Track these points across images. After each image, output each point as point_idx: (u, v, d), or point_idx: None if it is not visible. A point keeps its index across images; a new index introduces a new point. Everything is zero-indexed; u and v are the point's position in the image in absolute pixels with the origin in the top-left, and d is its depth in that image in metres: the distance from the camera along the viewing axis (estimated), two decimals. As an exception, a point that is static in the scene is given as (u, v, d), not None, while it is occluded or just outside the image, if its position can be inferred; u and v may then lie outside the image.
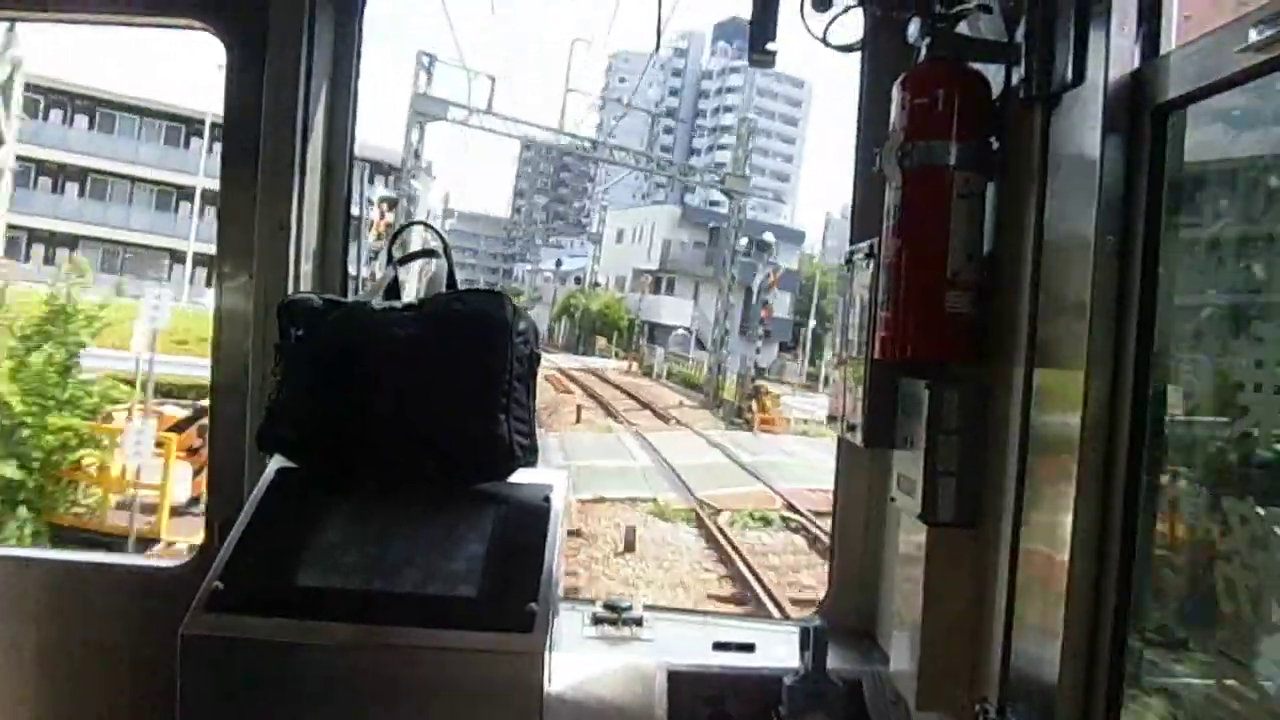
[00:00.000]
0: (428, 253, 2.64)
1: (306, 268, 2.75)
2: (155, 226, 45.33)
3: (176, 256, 42.70)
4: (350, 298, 2.61)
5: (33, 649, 2.71)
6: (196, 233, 39.29)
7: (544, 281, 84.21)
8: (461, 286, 2.49)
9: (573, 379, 41.66)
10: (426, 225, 2.75)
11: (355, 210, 2.92)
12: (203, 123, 40.58)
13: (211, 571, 2.16)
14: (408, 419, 2.30)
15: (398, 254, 2.63)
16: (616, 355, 58.21)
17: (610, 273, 76.04)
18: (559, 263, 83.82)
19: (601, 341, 63.42)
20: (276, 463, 2.42)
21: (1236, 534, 1.67)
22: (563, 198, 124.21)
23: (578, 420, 29.46)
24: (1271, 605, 1.65)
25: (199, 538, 2.84)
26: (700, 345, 49.31)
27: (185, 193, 41.83)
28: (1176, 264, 1.77)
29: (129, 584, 2.82)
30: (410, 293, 2.59)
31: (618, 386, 40.29)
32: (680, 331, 57.60)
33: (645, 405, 34.59)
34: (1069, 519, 1.76)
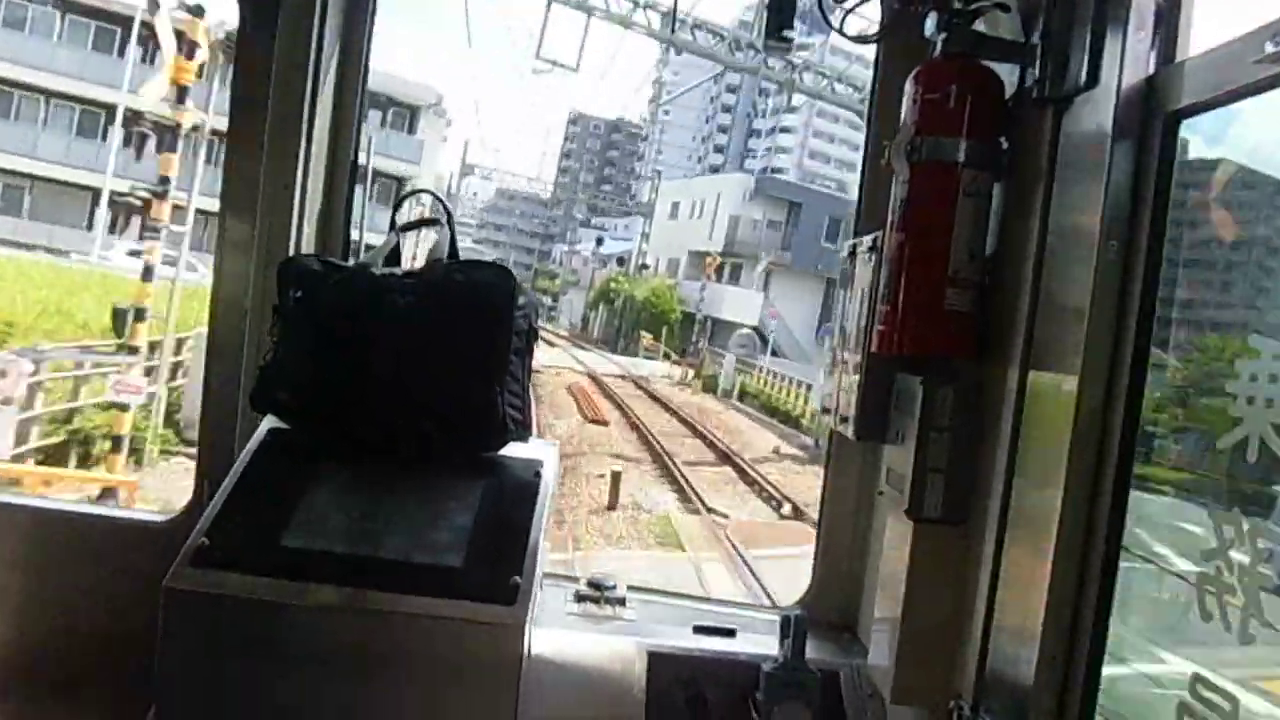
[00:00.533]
0: (430, 221, 2.63)
1: (309, 229, 2.74)
2: (73, 157, 35.18)
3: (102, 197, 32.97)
4: (351, 262, 2.60)
5: (16, 593, 2.71)
6: (117, 167, 30.48)
7: (583, 265, 73.80)
8: (463, 257, 2.48)
9: (609, 394, 28.81)
10: (430, 193, 2.74)
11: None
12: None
13: (198, 527, 2.16)
14: (403, 386, 2.30)
15: (400, 220, 2.61)
16: (667, 358, 44.38)
17: (661, 254, 61.36)
18: (599, 241, 75.25)
19: (647, 338, 49.13)
20: (268, 423, 2.42)
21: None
22: (609, 177, 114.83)
23: (610, 504, 14.68)
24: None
25: None
26: (770, 350, 41.74)
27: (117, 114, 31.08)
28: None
29: (116, 535, 2.82)
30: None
31: (674, 412, 26.50)
32: (745, 331, 45.38)
33: (724, 455, 20.24)
34: (1054, 523, 1.76)
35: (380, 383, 2.30)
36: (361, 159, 2.84)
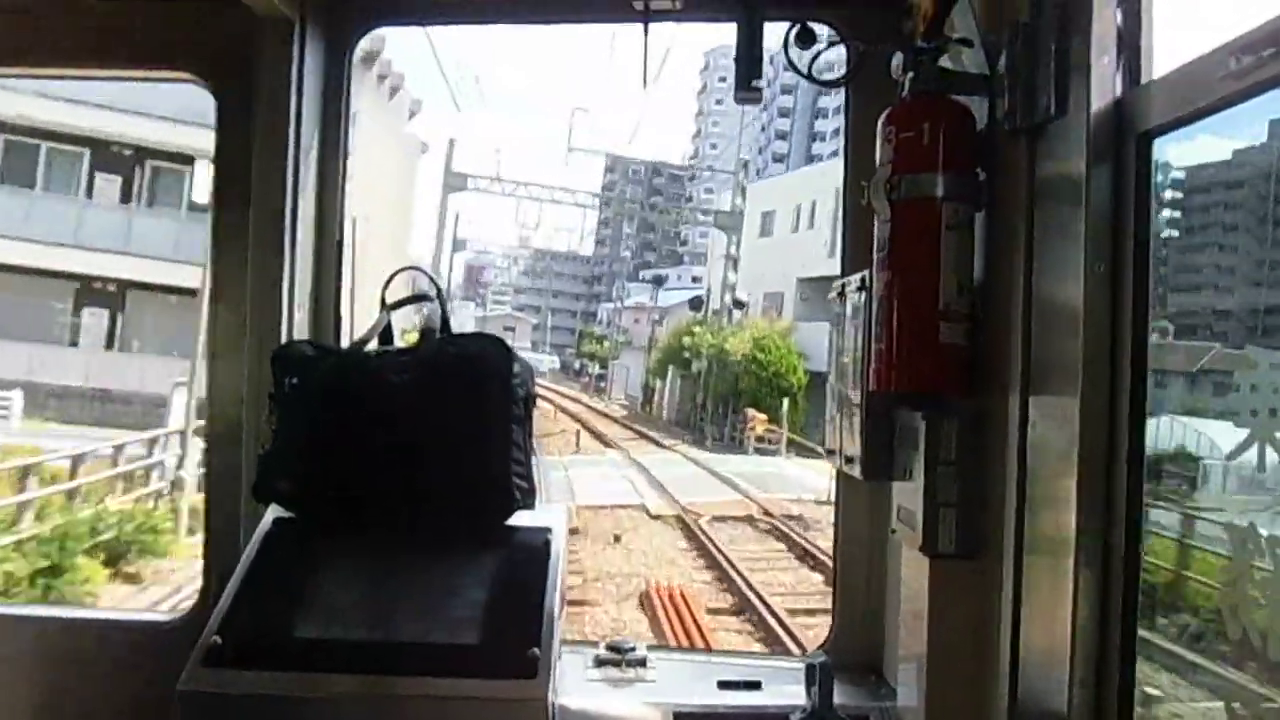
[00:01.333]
0: (421, 297, 2.64)
1: (300, 315, 2.75)
2: None
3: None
4: (344, 344, 2.61)
5: (28, 708, 2.67)
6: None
7: (634, 323, 63.67)
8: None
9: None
10: (419, 270, 2.76)
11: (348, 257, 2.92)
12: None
13: (209, 625, 2.13)
14: (405, 465, 2.29)
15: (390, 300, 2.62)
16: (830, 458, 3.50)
17: (754, 288, 42.94)
18: (659, 281, 67.60)
19: (758, 419, 31.44)
20: (273, 512, 2.41)
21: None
22: (653, 225, 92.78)
23: None
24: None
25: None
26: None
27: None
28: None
29: (125, 639, 2.79)
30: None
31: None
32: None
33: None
34: (1071, 546, 1.75)
35: (382, 463, 2.30)
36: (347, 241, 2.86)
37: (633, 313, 66.29)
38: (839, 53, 2.47)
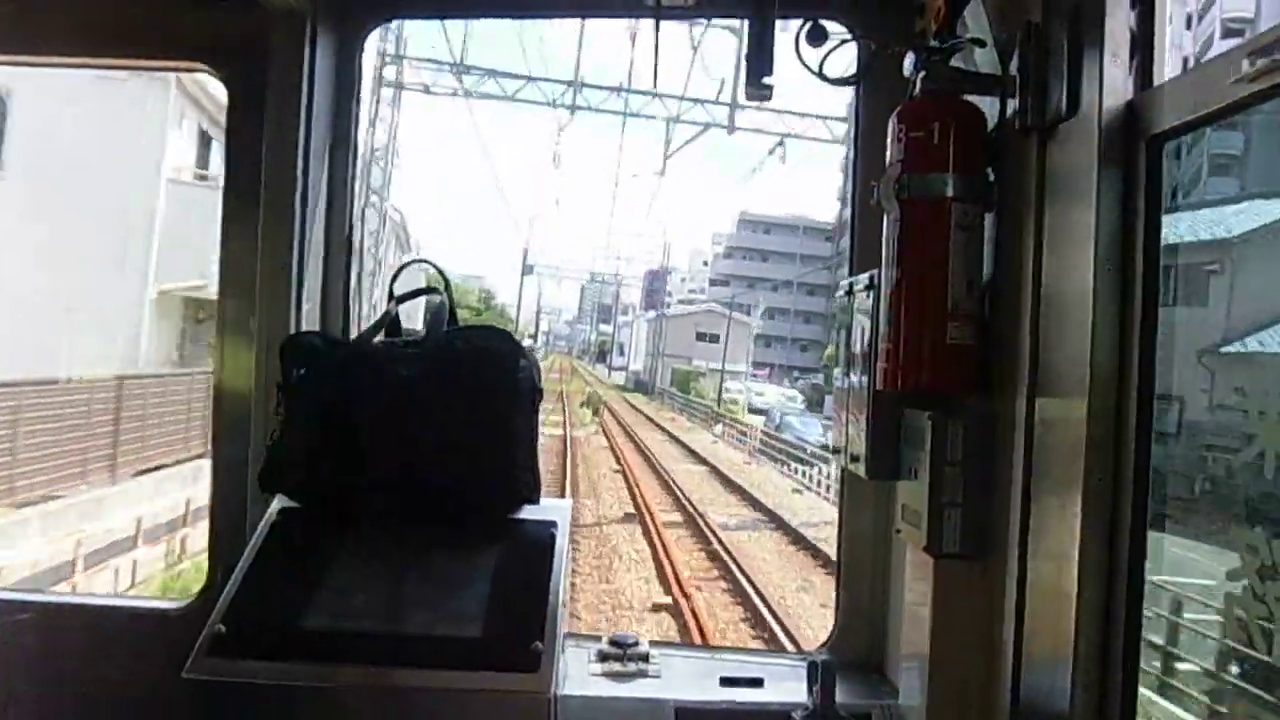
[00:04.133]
0: (429, 290, 2.64)
1: (308, 307, 2.75)
2: None
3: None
4: (352, 336, 2.61)
5: (33, 693, 2.68)
6: None
7: None
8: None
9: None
10: (427, 262, 2.76)
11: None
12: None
13: (214, 614, 2.14)
14: (412, 456, 2.30)
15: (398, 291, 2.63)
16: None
17: None
18: None
19: None
20: (279, 503, 2.42)
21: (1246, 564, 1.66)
22: None
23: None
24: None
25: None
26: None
27: None
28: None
29: (131, 626, 2.80)
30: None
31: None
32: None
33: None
34: (1076, 548, 1.75)
35: (388, 455, 2.30)
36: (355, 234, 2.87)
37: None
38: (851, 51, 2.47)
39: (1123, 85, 1.75)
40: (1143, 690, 1.80)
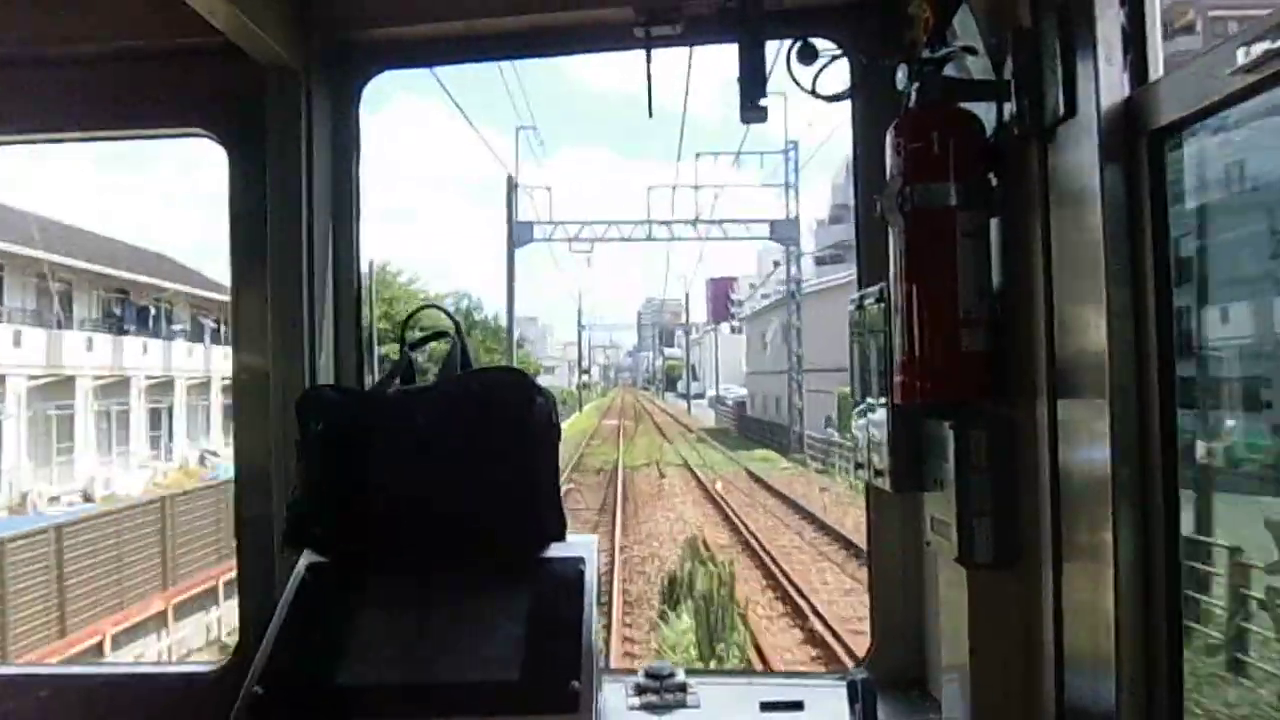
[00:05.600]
0: (440, 334, 2.65)
1: (322, 359, 2.77)
2: None
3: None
4: (367, 385, 2.62)
5: None
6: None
7: None
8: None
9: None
10: (438, 308, 2.78)
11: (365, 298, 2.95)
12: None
13: (250, 675, 2.14)
14: (434, 502, 2.30)
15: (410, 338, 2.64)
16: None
17: None
18: None
19: None
20: (306, 558, 2.41)
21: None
22: None
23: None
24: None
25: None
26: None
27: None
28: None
29: (167, 692, 2.80)
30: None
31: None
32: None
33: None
34: (1110, 548, 1.74)
35: (411, 502, 2.30)
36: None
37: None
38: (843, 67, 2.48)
39: (1119, 83, 1.75)
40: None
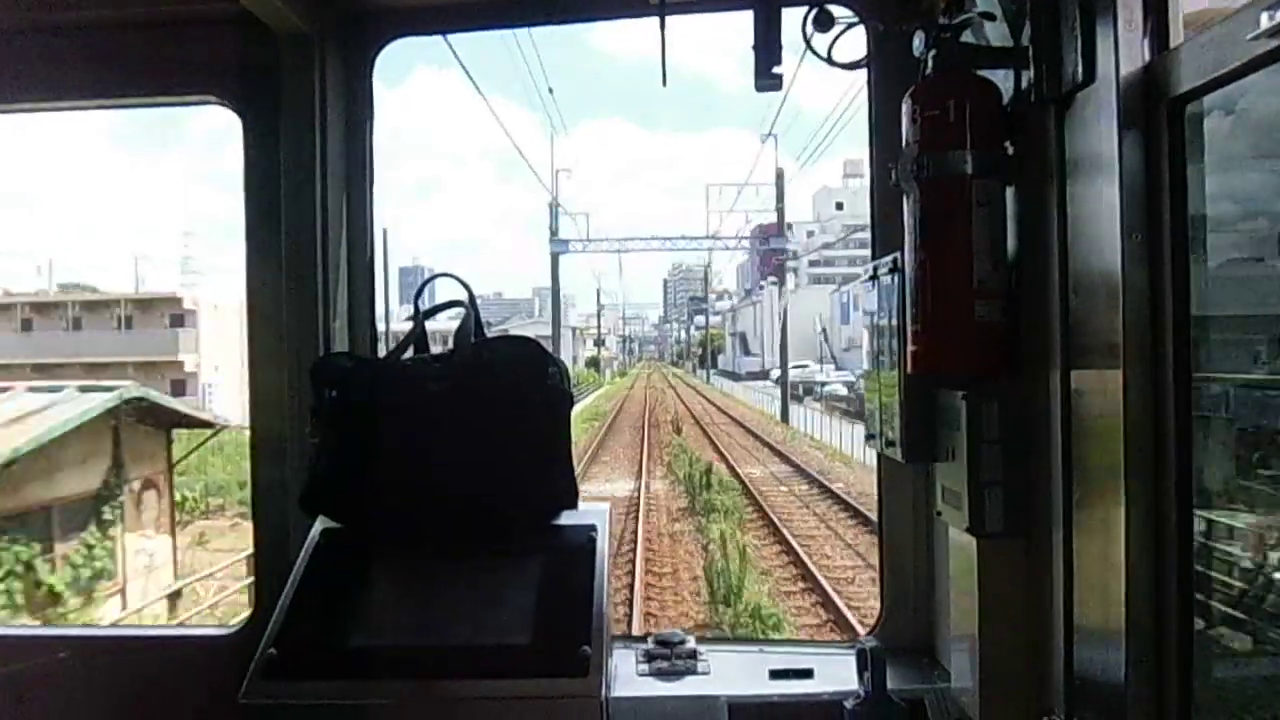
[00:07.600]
0: (453, 303, 2.65)
1: (336, 326, 2.78)
2: None
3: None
4: (380, 354, 2.63)
5: None
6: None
7: None
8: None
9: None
10: (452, 276, 2.77)
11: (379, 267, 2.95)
12: None
13: (265, 638, 2.17)
14: (447, 471, 2.31)
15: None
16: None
17: None
18: None
19: None
20: (321, 524, 2.44)
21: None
22: None
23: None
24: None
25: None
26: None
27: None
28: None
29: (183, 655, 2.84)
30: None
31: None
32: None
33: None
34: (1121, 519, 1.73)
35: (424, 470, 2.32)
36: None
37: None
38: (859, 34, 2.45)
39: (1138, 49, 1.72)
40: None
